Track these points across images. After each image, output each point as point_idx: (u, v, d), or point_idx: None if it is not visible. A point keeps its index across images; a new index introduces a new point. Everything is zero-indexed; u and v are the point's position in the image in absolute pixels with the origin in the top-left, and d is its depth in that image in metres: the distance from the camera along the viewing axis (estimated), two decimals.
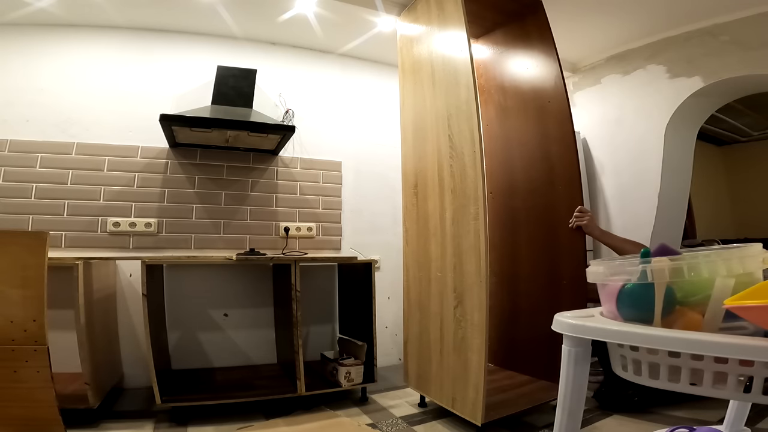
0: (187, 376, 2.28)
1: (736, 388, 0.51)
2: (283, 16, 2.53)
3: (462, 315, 1.74)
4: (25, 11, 2.29)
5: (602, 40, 3.02)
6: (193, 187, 2.58)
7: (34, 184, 2.30)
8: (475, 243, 1.69)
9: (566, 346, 0.67)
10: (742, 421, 0.87)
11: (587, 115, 3.29)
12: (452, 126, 1.86)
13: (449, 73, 1.89)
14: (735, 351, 0.49)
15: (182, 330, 2.46)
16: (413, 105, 2.19)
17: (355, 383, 2.14)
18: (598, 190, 3.25)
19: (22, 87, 2.36)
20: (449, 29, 1.91)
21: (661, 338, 0.56)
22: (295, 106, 2.81)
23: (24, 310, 1.50)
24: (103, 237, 2.38)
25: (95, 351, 1.85)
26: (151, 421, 1.87)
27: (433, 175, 1.99)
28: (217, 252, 2.56)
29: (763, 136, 5.15)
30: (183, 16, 2.54)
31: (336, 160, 2.96)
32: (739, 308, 0.50)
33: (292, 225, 2.76)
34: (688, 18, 2.63)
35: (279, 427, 1.85)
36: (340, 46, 2.92)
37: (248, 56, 2.75)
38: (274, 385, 2.13)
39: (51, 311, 1.56)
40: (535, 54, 2.20)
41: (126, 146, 2.48)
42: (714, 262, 0.58)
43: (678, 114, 2.81)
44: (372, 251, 2.92)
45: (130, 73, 2.56)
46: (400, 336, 2.82)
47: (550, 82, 2.11)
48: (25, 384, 1.50)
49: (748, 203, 5.33)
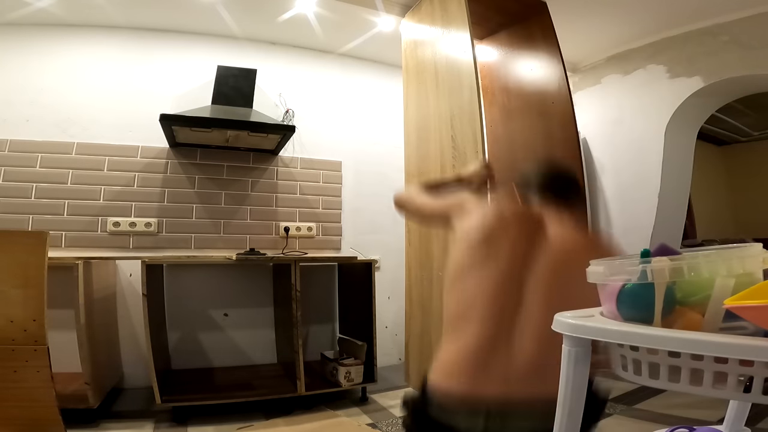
0: (187, 375, 2.28)
1: (736, 388, 0.51)
2: (283, 16, 2.53)
3: None
4: (25, 11, 2.29)
5: (602, 40, 3.02)
6: (193, 187, 2.58)
7: (34, 184, 2.30)
8: None
9: (566, 346, 0.67)
10: (742, 421, 0.87)
11: (587, 115, 3.29)
12: (455, 127, 1.86)
13: (453, 75, 1.89)
14: (735, 351, 0.49)
15: (182, 330, 2.46)
16: (417, 106, 2.19)
17: (355, 383, 2.14)
18: (598, 190, 3.25)
19: (22, 87, 2.36)
20: (453, 30, 1.91)
21: (661, 338, 0.56)
22: (295, 106, 2.81)
23: (24, 309, 1.50)
24: (103, 237, 2.38)
25: (95, 351, 1.85)
26: (151, 421, 1.88)
27: (436, 176, 1.99)
28: (217, 252, 2.56)
29: (763, 136, 5.15)
30: (183, 16, 2.54)
31: (336, 159, 2.96)
32: (739, 308, 0.50)
33: (292, 225, 2.76)
34: (688, 18, 2.63)
35: (279, 426, 1.85)
36: (340, 46, 2.92)
37: (248, 56, 2.75)
38: (274, 385, 2.13)
39: (51, 311, 1.56)
40: (539, 55, 2.20)
41: (126, 146, 2.48)
42: (714, 262, 0.58)
43: (678, 114, 2.81)
44: (372, 251, 2.92)
45: (130, 73, 2.56)
46: (400, 336, 2.82)
47: (553, 84, 2.11)
48: (25, 384, 1.50)
49: (748, 203, 5.33)
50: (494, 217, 0.97)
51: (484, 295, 0.88)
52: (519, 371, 0.82)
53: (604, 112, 3.22)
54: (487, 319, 0.86)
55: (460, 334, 0.88)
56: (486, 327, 0.85)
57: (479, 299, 0.88)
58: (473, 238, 0.95)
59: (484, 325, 0.86)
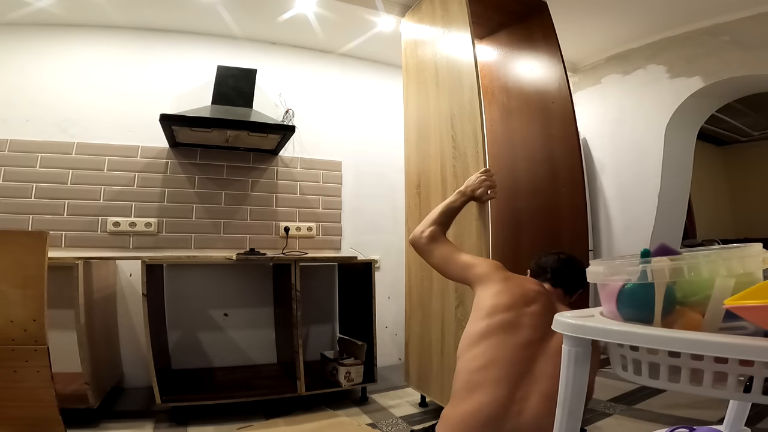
0: (187, 375, 2.28)
1: (736, 388, 0.51)
2: (283, 16, 2.53)
3: (463, 315, 1.74)
4: (25, 11, 2.29)
5: (602, 40, 3.02)
6: (193, 187, 2.58)
7: (34, 184, 2.30)
8: (478, 243, 1.69)
9: (566, 346, 0.67)
10: (742, 421, 0.87)
11: (587, 115, 3.29)
12: (456, 126, 1.86)
13: (453, 74, 1.89)
14: (735, 351, 0.49)
15: (182, 330, 2.46)
16: (417, 105, 2.19)
17: (355, 383, 2.14)
18: (598, 190, 3.26)
19: (22, 87, 2.36)
20: (454, 30, 1.91)
21: (661, 338, 0.56)
22: (295, 105, 2.81)
23: (24, 309, 1.50)
24: (103, 237, 2.38)
25: (95, 351, 1.85)
26: (151, 421, 1.88)
27: (436, 176, 1.99)
28: (217, 252, 2.56)
29: (763, 136, 5.15)
30: (183, 16, 2.54)
31: (336, 159, 2.96)
32: (739, 308, 0.50)
33: (292, 225, 2.76)
34: (688, 18, 2.63)
35: (279, 426, 1.85)
36: (340, 46, 2.92)
37: (248, 56, 2.75)
38: (274, 385, 2.13)
39: (51, 311, 1.56)
40: (539, 55, 2.20)
41: (126, 146, 2.48)
42: (714, 262, 0.58)
43: (678, 114, 2.81)
44: (372, 251, 2.92)
45: (130, 73, 2.56)
46: (400, 336, 2.82)
47: (554, 84, 2.11)
48: (25, 384, 1.50)
49: (748, 203, 5.33)
50: (520, 292, 1.08)
51: (503, 361, 0.96)
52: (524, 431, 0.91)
53: (604, 112, 3.22)
54: (503, 384, 0.93)
55: (475, 396, 0.94)
56: (500, 391, 0.93)
57: (497, 363, 0.96)
58: (496, 306, 1.05)
59: (499, 390, 0.93)
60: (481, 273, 1.17)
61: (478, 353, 0.99)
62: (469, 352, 1.02)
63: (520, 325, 1.01)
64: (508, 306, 1.04)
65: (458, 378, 1.01)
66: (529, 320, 1.01)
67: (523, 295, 1.07)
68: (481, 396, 0.93)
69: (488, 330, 1.01)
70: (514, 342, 0.98)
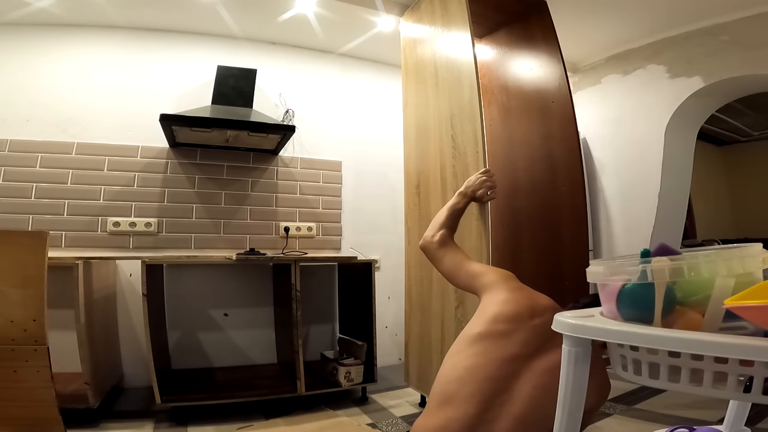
0: (187, 375, 2.28)
1: (736, 388, 0.51)
2: (283, 16, 2.53)
3: (463, 315, 1.74)
4: (25, 11, 2.29)
5: (602, 40, 3.02)
6: (193, 187, 2.58)
7: (34, 184, 2.30)
8: (477, 243, 1.69)
9: (566, 346, 0.67)
10: (742, 421, 0.87)
11: (587, 115, 3.29)
12: (455, 126, 1.85)
13: (453, 73, 1.89)
14: (735, 351, 0.49)
15: (182, 330, 2.46)
16: (416, 105, 2.19)
17: (355, 383, 2.14)
18: (598, 190, 3.26)
19: (22, 87, 2.36)
20: (453, 29, 1.90)
21: (661, 338, 0.56)
22: (295, 105, 2.81)
23: (24, 309, 1.50)
24: (103, 237, 2.38)
25: (95, 351, 1.85)
26: (151, 421, 1.88)
27: (436, 175, 1.98)
28: (217, 252, 2.56)
29: (763, 136, 5.15)
30: (183, 16, 2.54)
31: (336, 159, 2.96)
32: (739, 308, 0.50)
33: (292, 225, 2.76)
34: (688, 18, 2.63)
35: (279, 426, 1.85)
36: (340, 45, 2.92)
37: (248, 56, 2.75)
38: (274, 385, 2.13)
39: (51, 311, 1.56)
40: (539, 54, 2.19)
41: (126, 146, 2.48)
42: (714, 262, 0.58)
43: (678, 114, 2.81)
44: (372, 251, 2.92)
45: (130, 73, 2.56)
46: (400, 336, 2.82)
47: (553, 83, 2.11)
48: (25, 384, 1.50)
49: (748, 203, 5.33)
50: (527, 304, 1.03)
51: (482, 374, 0.92)
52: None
53: (604, 111, 3.22)
54: (475, 402, 0.89)
55: (444, 411, 0.91)
56: (471, 409, 0.88)
57: (474, 376, 0.92)
58: (498, 314, 1.00)
59: (470, 407, 0.89)
60: (490, 281, 1.12)
61: (460, 360, 0.96)
62: (455, 356, 0.98)
63: (511, 338, 0.95)
64: (512, 317, 0.98)
65: (436, 384, 0.98)
66: (523, 335, 0.95)
67: (530, 308, 1.01)
68: (451, 412, 0.89)
69: (478, 338, 0.97)
70: (498, 355, 0.93)
